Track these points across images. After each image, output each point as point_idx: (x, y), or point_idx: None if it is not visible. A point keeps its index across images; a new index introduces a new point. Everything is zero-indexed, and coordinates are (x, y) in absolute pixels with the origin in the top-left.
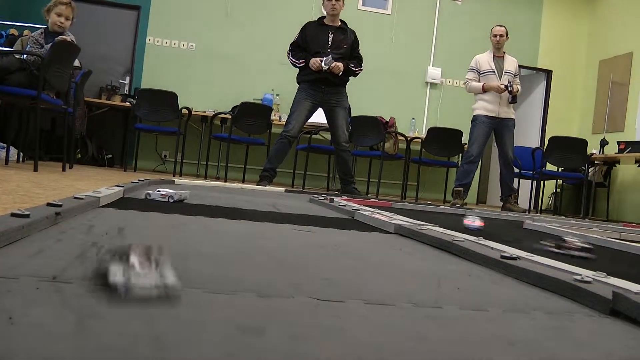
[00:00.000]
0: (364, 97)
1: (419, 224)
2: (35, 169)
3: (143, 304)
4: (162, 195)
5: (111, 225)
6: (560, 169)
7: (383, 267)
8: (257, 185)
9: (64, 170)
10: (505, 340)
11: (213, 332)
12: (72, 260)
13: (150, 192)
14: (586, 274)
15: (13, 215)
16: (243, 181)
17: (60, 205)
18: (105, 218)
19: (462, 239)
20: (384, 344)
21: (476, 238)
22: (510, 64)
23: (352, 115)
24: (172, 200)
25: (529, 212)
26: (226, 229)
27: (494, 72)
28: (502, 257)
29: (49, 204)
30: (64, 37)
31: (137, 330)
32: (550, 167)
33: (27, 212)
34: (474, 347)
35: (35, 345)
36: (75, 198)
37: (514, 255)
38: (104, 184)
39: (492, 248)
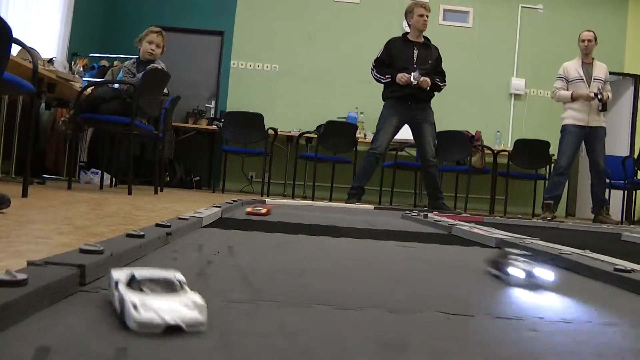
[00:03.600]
0: (448, 112)
1: (521, 237)
2: (130, 193)
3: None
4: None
5: (219, 245)
6: None
7: (496, 282)
8: (345, 203)
9: (155, 193)
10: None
11: (358, 347)
12: (194, 278)
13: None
14: None
15: (128, 235)
16: (330, 199)
17: (169, 226)
18: (211, 237)
19: (570, 252)
20: (529, 357)
21: (582, 251)
22: (600, 70)
23: (437, 130)
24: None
25: (621, 224)
26: (331, 246)
27: (582, 79)
28: (616, 269)
29: (157, 225)
30: (155, 65)
31: (282, 345)
32: None
33: (142, 233)
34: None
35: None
36: (180, 219)
37: (627, 268)
38: (198, 205)
39: (602, 261)
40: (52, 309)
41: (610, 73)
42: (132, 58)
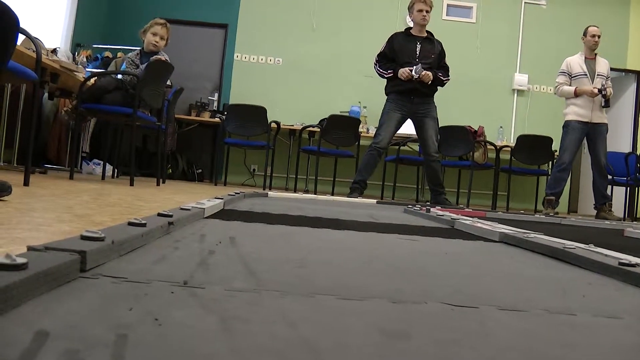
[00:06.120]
0: (451, 107)
1: (524, 232)
2: (132, 184)
3: None
4: None
5: (221, 235)
6: None
7: (500, 274)
8: (347, 197)
9: (158, 184)
10: None
11: (359, 337)
12: (196, 267)
13: None
14: None
15: (130, 224)
16: (332, 193)
17: (171, 216)
18: (213, 228)
19: (573, 247)
20: (532, 349)
21: (586, 245)
22: (603, 66)
23: (440, 125)
24: None
25: (624, 220)
26: (333, 238)
27: (586, 75)
28: (620, 264)
29: (159, 214)
30: (159, 56)
31: (284, 332)
32: None
33: (143, 222)
34: (622, 355)
35: (190, 344)
36: (182, 209)
37: (632, 262)
38: (200, 197)
39: (606, 255)
40: (52, 294)
41: (613, 69)
42: (135, 49)
